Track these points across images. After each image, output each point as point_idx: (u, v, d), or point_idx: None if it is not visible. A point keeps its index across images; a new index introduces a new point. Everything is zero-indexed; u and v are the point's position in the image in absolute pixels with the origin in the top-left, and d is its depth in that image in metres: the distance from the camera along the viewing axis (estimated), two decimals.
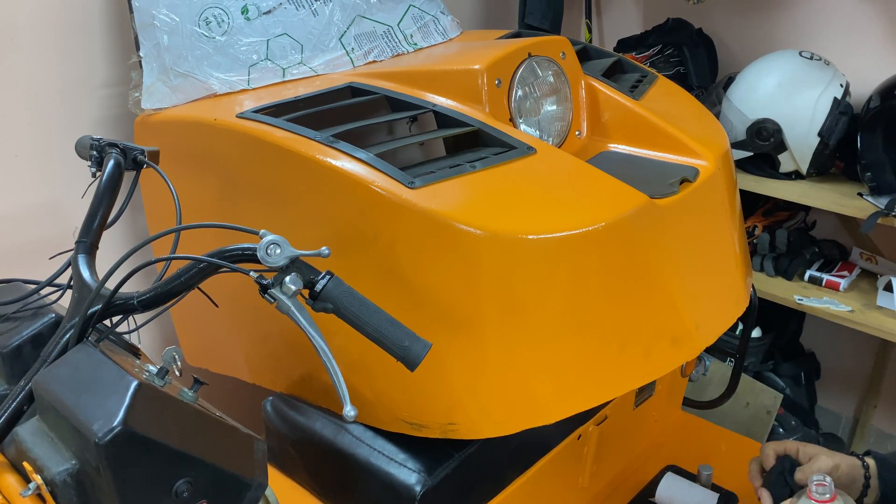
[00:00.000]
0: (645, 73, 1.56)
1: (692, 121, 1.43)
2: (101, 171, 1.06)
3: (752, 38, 2.18)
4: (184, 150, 1.34)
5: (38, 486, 0.75)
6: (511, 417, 1.07)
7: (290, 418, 1.27)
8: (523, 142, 1.17)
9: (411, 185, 1.04)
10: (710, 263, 1.23)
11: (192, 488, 0.75)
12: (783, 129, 1.86)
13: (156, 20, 1.40)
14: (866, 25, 1.98)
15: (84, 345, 0.84)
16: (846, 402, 2.36)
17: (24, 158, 1.52)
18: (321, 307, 0.82)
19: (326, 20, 1.52)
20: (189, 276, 0.86)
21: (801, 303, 1.83)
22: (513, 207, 1.07)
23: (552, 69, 1.34)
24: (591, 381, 1.08)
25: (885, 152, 1.77)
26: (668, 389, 1.69)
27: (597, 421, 1.41)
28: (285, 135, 1.16)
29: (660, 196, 1.14)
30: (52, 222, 1.57)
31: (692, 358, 1.19)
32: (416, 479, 1.10)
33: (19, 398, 0.87)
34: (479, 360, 1.05)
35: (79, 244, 0.99)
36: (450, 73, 1.30)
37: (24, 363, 0.97)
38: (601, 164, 1.26)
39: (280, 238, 0.80)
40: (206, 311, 1.11)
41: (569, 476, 1.45)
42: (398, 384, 1.11)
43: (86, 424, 0.71)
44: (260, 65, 1.46)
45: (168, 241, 1.01)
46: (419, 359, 0.82)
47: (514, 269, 1.02)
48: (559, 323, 1.05)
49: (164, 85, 1.41)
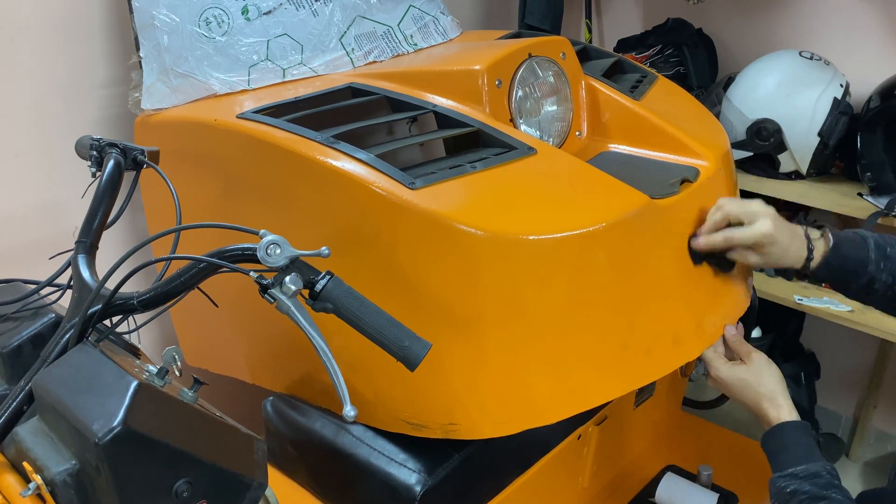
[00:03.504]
0: (645, 73, 1.56)
1: (692, 121, 1.43)
2: (101, 171, 1.06)
3: (752, 38, 2.18)
4: (184, 151, 1.34)
5: (38, 486, 0.75)
6: (512, 417, 1.07)
7: (290, 418, 1.27)
8: (524, 142, 1.17)
9: (412, 186, 1.04)
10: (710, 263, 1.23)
11: (192, 488, 0.75)
12: (783, 129, 1.86)
13: (156, 20, 1.40)
14: (866, 25, 1.98)
15: (84, 345, 0.84)
16: (846, 402, 2.36)
17: (24, 158, 1.52)
18: (321, 307, 0.82)
19: (327, 20, 1.52)
20: (189, 276, 0.86)
21: (801, 303, 1.83)
22: (513, 208, 1.07)
23: (552, 69, 1.34)
24: (592, 382, 1.08)
25: (885, 152, 1.77)
26: (668, 389, 1.69)
27: (597, 421, 1.41)
28: (285, 135, 1.16)
29: (660, 196, 1.14)
30: (52, 222, 1.57)
31: (693, 358, 1.19)
32: (416, 479, 1.10)
33: (19, 398, 0.87)
34: (480, 360, 1.05)
35: (79, 244, 0.99)
36: (450, 73, 1.30)
37: (24, 363, 0.97)
38: (601, 164, 1.26)
39: (280, 238, 0.80)
40: (206, 312, 1.11)
41: (569, 476, 1.45)
42: (398, 384, 1.11)
43: (86, 424, 0.71)
44: (260, 65, 1.46)
45: (168, 241, 1.01)
46: (419, 359, 0.82)
47: (515, 269, 1.02)
48: (560, 323, 1.05)
49: (165, 85, 1.41)
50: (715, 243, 1.13)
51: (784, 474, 1.06)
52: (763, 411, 1.13)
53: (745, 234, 1.11)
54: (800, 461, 1.05)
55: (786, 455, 1.08)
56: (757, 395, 1.14)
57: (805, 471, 1.04)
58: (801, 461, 1.05)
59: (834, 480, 1.03)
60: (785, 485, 1.04)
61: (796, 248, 1.13)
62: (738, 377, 1.16)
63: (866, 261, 1.12)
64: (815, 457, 1.06)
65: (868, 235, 1.14)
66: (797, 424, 1.11)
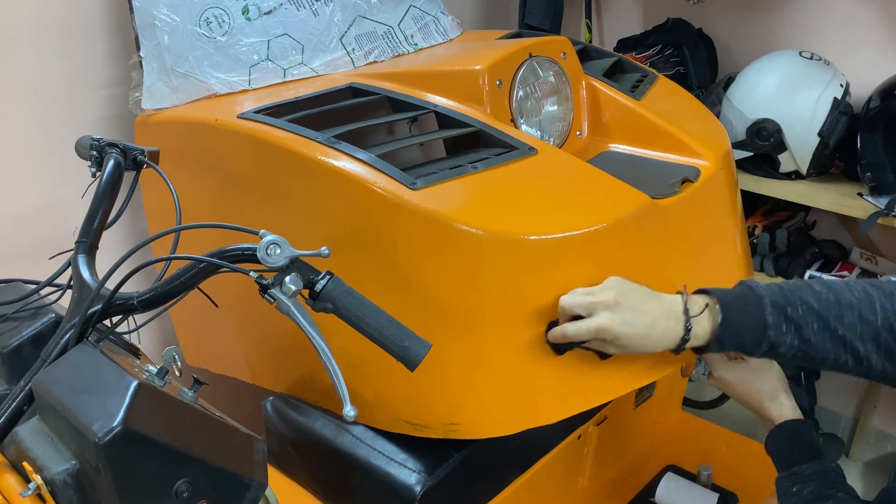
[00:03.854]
0: (645, 73, 1.56)
1: (693, 120, 1.43)
2: (101, 171, 1.06)
3: (752, 38, 2.18)
4: (184, 151, 1.34)
5: (38, 486, 0.75)
6: (512, 417, 1.07)
7: (291, 418, 1.27)
8: (524, 142, 1.17)
9: (412, 186, 1.03)
10: (711, 263, 1.23)
11: (192, 488, 0.75)
12: (783, 129, 1.86)
13: (156, 20, 1.40)
14: (866, 25, 1.98)
15: (84, 345, 0.84)
16: (846, 402, 2.36)
17: (24, 158, 1.52)
18: (321, 307, 0.82)
19: (327, 20, 1.52)
20: (189, 276, 0.86)
21: None
22: (514, 208, 1.07)
23: (553, 69, 1.34)
24: (592, 382, 1.08)
25: (885, 152, 1.77)
26: (668, 389, 1.69)
27: (597, 421, 1.41)
28: (286, 135, 1.16)
29: (661, 196, 1.14)
30: (52, 222, 1.57)
31: (694, 358, 1.19)
32: (417, 479, 1.10)
33: (19, 398, 0.87)
34: (480, 360, 1.05)
35: (79, 244, 0.99)
36: (451, 73, 1.30)
37: (24, 363, 0.97)
38: (602, 164, 1.26)
39: (280, 238, 0.80)
40: (206, 312, 1.11)
41: (569, 476, 1.45)
42: (398, 384, 1.10)
43: (86, 424, 0.71)
44: (261, 65, 1.46)
45: (168, 241, 1.01)
46: (419, 359, 0.82)
47: (516, 269, 1.02)
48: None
49: (165, 85, 1.41)
50: (555, 338, 1.02)
51: (789, 473, 1.05)
52: (765, 410, 1.13)
53: (578, 329, 0.98)
54: (804, 459, 1.05)
55: (790, 454, 1.07)
56: (758, 393, 1.14)
57: (809, 469, 1.04)
58: (806, 459, 1.05)
59: (838, 478, 1.03)
60: (790, 484, 1.04)
61: (662, 333, 0.98)
62: (740, 376, 1.15)
63: (762, 326, 0.97)
64: (819, 455, 1.06)
65: (763, 294, 0.99)
66: (800, 423, 1.10)
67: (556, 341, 1.02)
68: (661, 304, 0.99)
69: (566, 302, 1.00)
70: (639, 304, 0.99)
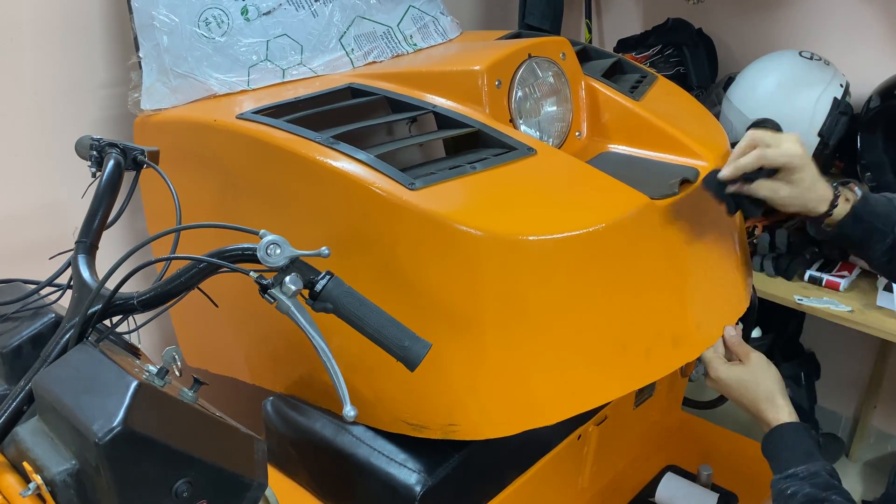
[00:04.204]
0: (645, 73, 1.56)
1: (692, 121, 1.43)
2: (101, 171, 1.06)
3: (752, 38, 2.18)
4: (184, 151, 1.34)
5: (37, 486, 0.75)
6: (512, 418, 1.07)
7: (291, 418, 1.27)
8: (523, 143, 1.17)
9: (412, 187, 1.04)
10: (710, 263, 1.23)
11: (192, 488, 0.75)
12: (783, 130, 1.86)
13: (155, 21, 1.40)
14: (866, 25, 1.98)
15: (84, 345, 0.84)
16: (846, 402, 2.36)
17: (24, 158, 1.52)
18: (321, 307, 0.83)
19: (326, 21, 1.52)
20: (189, 276, 0.86)
21: (801, 303, 1.82)
22: (513, 208, 1.07)
23: (552, 70, 1.34)
24: (592, 382, 1.08)
25: (885, 152, 1.77)
26: (668, 389, 1.69)
27: (597, 421, 1.41)
28: (285, 136, 1.16)
29: (660, 197, 1.13)
30: (52, 222, 1.57)
31: (693, 358, 1.19)
32: (416, 479, 1.10)
33: (19, 398, 0.87)
34: (480, 361, 1.05)
35: (79, 244, 0.99)
36: (450, 73, 1.30)
37: (24, 363, 0.97)
38: (601, 164, 1.26)
39: (280, 238, 0.80)
40: (206, 312, 1.11)
41: (569, 476, 1.45)
42: (398, 384, 1.11)
43: (86, 424, 0.71)
44: (260, 65, 1.46)
45: (168, 241, 1.01)
46: (419, 359, 0.82)
47: (515, 269, 1.02)
48: (559, 324, 1.05)
49: (164, 85, 1.42)
50: (745, 164, 1.07)
51: (785, 476, 1.06)
52: (761, 412, 1.13)
53: (775, 153, 1.06)
54: (800, 462, 1.05)
55: (786, 456, 1.07)
56: (755, 396, 1.14)
57: (805, 471, 1.04)
58: (801, 462, 1.05)
59: (833, 481, 1.03)
60: (785, 486, 1.04)
61: (823, 187, 1.08)
62: (737, 378, 1.16)
63: (894, 219, 1.08)
64: (815, 457, 1.06)
65: (894, 197, 1.11)
66: (796, 426, 1.11)
67: (742, 169, 1.07)
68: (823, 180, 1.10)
69: (758, 133, 1.07)
70: None
